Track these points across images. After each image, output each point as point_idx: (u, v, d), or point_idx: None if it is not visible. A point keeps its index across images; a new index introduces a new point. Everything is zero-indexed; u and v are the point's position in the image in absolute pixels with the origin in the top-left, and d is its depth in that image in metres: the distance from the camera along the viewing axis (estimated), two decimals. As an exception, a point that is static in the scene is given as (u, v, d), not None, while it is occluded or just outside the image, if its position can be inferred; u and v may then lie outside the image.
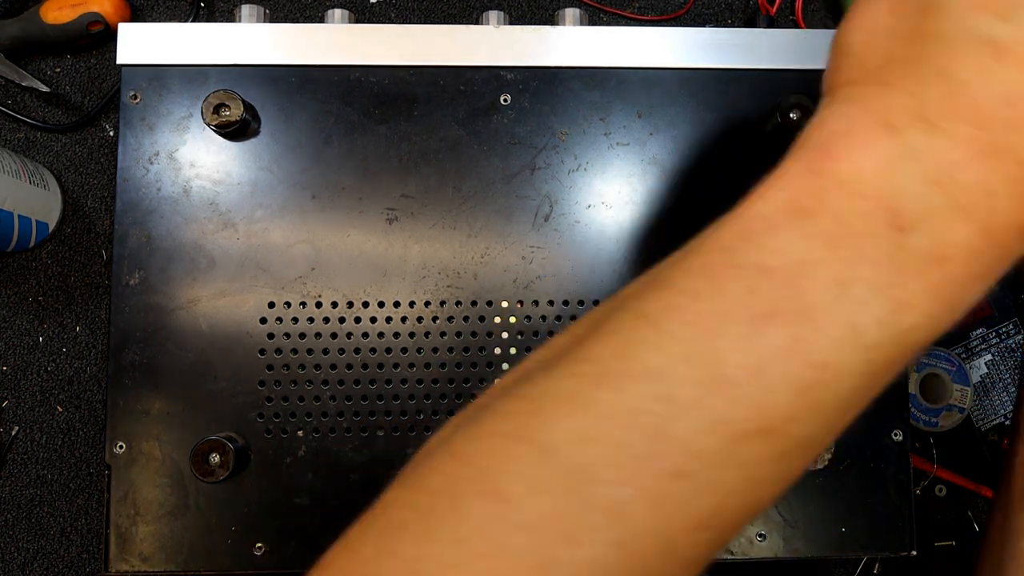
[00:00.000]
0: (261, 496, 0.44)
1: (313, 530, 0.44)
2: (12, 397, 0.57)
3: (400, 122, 0.46)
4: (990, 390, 0.58)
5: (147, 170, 0.45)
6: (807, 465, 0.26)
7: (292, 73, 0.46)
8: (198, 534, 0.44)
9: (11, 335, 0.57)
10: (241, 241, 0.45)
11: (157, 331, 0.44)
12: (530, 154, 0.46)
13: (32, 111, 0.59)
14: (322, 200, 0.45)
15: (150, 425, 0.44)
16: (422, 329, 0.45)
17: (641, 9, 0.64)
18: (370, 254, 0.45)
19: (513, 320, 0.45)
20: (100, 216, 0.58)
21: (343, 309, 0.45)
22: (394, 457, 0.45)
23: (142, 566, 0.44)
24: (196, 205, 0.45)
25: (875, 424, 0.46)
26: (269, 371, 0.45)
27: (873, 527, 0.46)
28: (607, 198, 0.46)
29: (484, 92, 0.46)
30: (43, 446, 0.56)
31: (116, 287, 0.45)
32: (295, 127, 0.46)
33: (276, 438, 0.45)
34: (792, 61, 0.47)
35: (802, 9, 0.63)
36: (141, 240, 0.45)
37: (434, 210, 0.46)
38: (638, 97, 0.47)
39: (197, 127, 0.46)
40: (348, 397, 0.45)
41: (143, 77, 0.46)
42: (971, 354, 0.58)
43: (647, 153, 0.47)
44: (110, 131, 0.59)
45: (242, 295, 0.45)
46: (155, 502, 0.44)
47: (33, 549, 0.55)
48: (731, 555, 0.45)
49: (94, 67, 0.60)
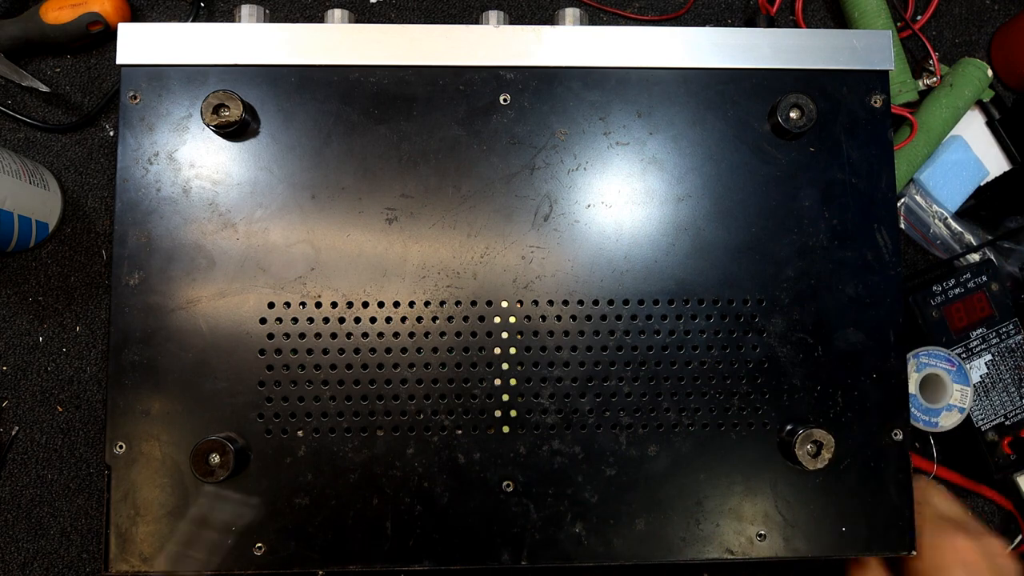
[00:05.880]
0: (261, 496, 0.44)
1: (313, 530, 0.44)
2: (12, 397, 0.57)
3: (400, 122, 0.46)
4: (990, 390, 0.58)
5: (147, 170, 0.45)
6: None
7: (292, 73, 0.46)
8: (198, 534, 0.44)
9: (11, 335, 0.57)
10: (241, 241, 0.45)
11: (157, 331, 0.44)
12: (530, 154, 0.46)
13: (32, 111, 0.59)
14: (322, 200, 0.45)
15: (150, 425, 0.44)
16: (422, 329, 0.45)
17: (641, 9, 0.64)
18: (370, 254, 0.45)
19: (513, 320, 0.45)
20: (100, 216, 0.58)
21: (343, 309, 0.45)
22: (394, 457, 0.45)
23: (142, 566, 0.44)
24: (196, 205, 0.45)
25: (875, 424, 0.46)
26: (269, 371, 0.45)
27: (873, 527, 0.46)
28: (607, 198, 0.46)
29: (483, 92, 0.46)
30: (43, 446, 0.56)
31: (116, 287, 0.45)
32: (295, 127, 0.46)
33: (276, 438, 0.45)
34: (792, 61, 0.47)
35: (802, 9, 0.63)
36: (141, 240, 0.45)
37: (434, 210, 0.46)
38: (638, 97, 0.47)
39: (197, 127, 0.46)
40: (348, 397, 0.45)
41: (143, 77, 0.46)
42: (971, 354, 0.58)
43: (647, 153, 0.47)
44: (110, 131, 0.59)
45: (242, 295, 0.45)
46: (155, 502, 0.44)
47: (33, 549, 0.55)
48: (731, 555, 0.45)
49: (94, 67, 0.60)
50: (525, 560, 0.45)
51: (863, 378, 0.46)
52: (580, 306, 0.46)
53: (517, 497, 0.45)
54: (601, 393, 0.45)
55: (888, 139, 0.47)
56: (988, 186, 0.63)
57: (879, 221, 0.47)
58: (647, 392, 0.46)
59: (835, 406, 0.46)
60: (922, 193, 0.62)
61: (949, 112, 0.60)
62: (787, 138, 0.47)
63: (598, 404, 0.45)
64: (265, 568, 0.44)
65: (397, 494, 0.45)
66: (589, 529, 0.45)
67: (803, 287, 0.46)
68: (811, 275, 0.46)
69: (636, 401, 0.46)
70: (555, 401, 0.45)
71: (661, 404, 0.46)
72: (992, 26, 0.66)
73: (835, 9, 0.64)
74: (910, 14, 0.64)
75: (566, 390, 0.45)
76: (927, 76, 0.62)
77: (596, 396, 0.45)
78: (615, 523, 0.45)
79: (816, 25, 0.65)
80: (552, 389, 0.45)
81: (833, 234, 0.47)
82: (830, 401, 0.46)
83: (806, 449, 0.44)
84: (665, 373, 0.46)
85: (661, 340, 0.46)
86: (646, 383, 0.46)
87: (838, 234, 0.47)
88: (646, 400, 0.46)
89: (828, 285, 0.46)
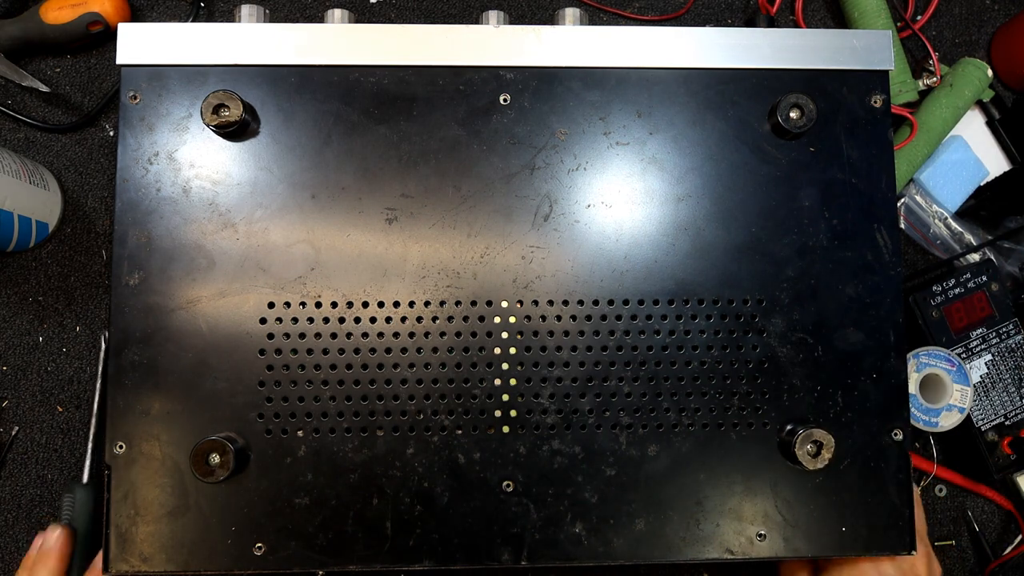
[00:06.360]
0: (261, 496, 0.44)
1: (313, 530, 0.44)
2: (12, 397, 0.57)
3: (400, 122, 0.46)
4: (990, 390, 0.58)
5: (147, 170, 0.45)
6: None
7: (292, 73, 0.46)
8: (198, 534, 0.44)
9: (11, 335, 0.57)
10: (241, 241, 0.45)
11: (157, 331, 0.44)
12: (530, 154, 0.46)
13: (32, 111, 0.59)
14: (322, 200, 0.45)
15: (150, 425, 0.44)
16: (422, 329, 0.45)
17: (641, 9, 0.64)
18: (370, 254, 0.45)
19: (513, 320, 0.45)
20: (100, 216, 0.58)
21: (343, 309, 0.45)
22: (394, 457, 0.45)
23: (142, 566, 0.44)
24: (196, 205, 0.45)
25: (875, 424, 0.46)
26: (269, 371, 0.45)
27: (873, 527, 0.46)
28: (607, 198, 0.46)
29: (484, 92, 0.46)
30: (43, 446, 0.56)
31: (116, 287, 0.45)
32: (295, 127, 0.46)
33: (276, 438, 0.45)
34: (792, 61, 0.47)
35: (802, 9, 0.63)
36: (141, 240, 0.45)
37: (434, 210, 0.46)
38: (638, 97, 0.47)
39: (197, 127, 0.46)
40: (348, 397, 0.45)
41: (143, 77, 0.46)
42: (971, 354, 0.58)
43: (647, 153, 0.47)
44: (110, 131, 0.59)
45: (242, 295, 0.45)
46: (155, 502, 0.44)
47: (33, 549, 0.55)
48: (731, 555, 0.45)
49: (94, 67, 0.60)
50: (525, 560, 0.45)
51: (863, 378, 0.46)
52: (580, 306, 0.46)
53: (517, 497, 0.45)
54: (601, 393, 0.45)
55: (888, 139, 0.47)
56: (988, 186, 0.63)
57: (879, 221, 0.47)
58: (647, 392, 0.46)
59: (835, 406, 0.46)
60: (922, 193, 0.62)
61: (949, 112, 0.60)
62: (787, 138, 0.47)
63: (598, 404, 0.45)
64: (265, 568, 0.44)
65: (397, 494, 0.45)
66: (589, 529, 0.45)
67: (803, 287, 0.46)
68: (811, 275, 0.46)
69: (636, 401, 0.46)
70: (555, 401, 0.45)
71: (661, 404, 0.46)
72: (992, 26, 0.66)
73: (835, 9, 0.64)
74: (910, 14, 0.64)
75: (566, 390, 0.45)
76: (927, 76, 0.62)
77: (596, 396, 0.45)
78: (615, 523, 0.45)
79: (816, 25, 0.65)
80: (552, 389, 0.45)
81: (833, 234, 0.47)
82: (830, 401, 0.46)
83: (806, 449, 0.44)
84: (665, 373, 0.46)
85: (661, 340, 0.46)
86: (646, 383, 0.46)
87: (838, 234, 0.47)
88: (646, 400, 0.46)
89: (828, 285, 0.46)
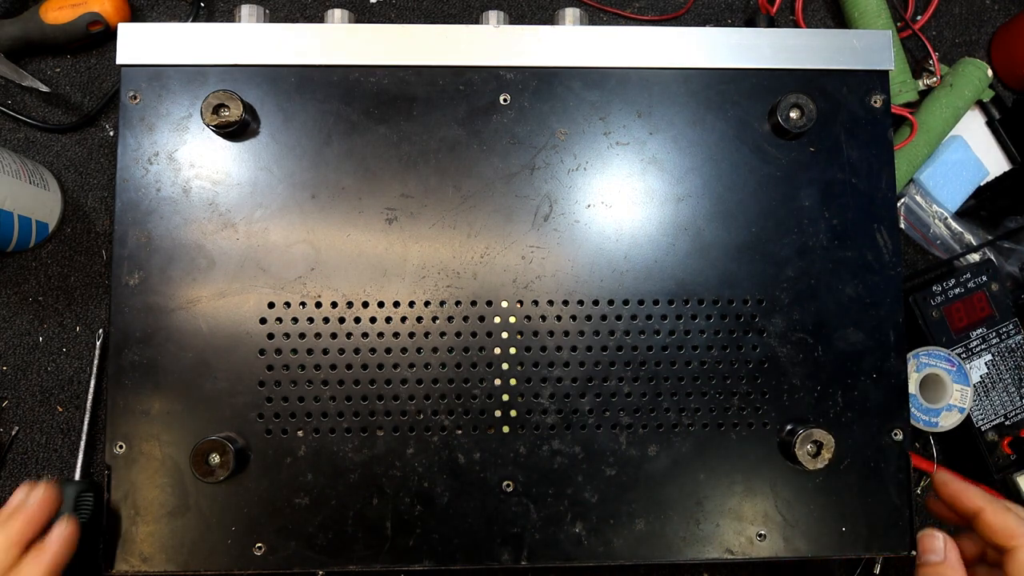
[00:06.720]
0: (261, 496, 0.44)
1: (313, 530, 0.44)
2: (12, 397, 0.57)
3: (400, 122, 0.46)
4: (990, 390, 0.58)
5: (147, 170, 0.45)
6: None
7: (292, 73, 0.46)
8: (198, 534, 0.44)
9: (11, 335, 0.57)
10: (241, 241, 0.45)
11: (157, 331, 0.44)
12: (530, 154, 0.46)
13: (32, 111, 0.59)
14: (322, 200, 0.45)
15: (150, 425, 0.44)
16: (422, 329, 0.45)
17: (641, 9, 0.64)
18: (370, 254, 0.45)
19: (513, 320, 0.45)
20: (100, 216, 0.58)
21: (343, 309, 0.45)
22: (394, 457, 0.45)
23: (142, 566, 0.44)
24: (196, 205, 0.45)
25: (875, 424, 0.46)
26: (269, 371, 0.45)
27: (873, 527, 0.46)
28: (607, 198, 0.46)
29: (484, 92, 0.46)
30: (43, 446, 0.56)
31: (116, 287, 0.45)
32: (295, 127, 0.46)
33: (276, 438, 0.45)
34: (792, 61, 0.47)
35: (802, 9, 0.63)
36: (141, 240, 0.45)
37: (434, 210, 0.46)
38: (638, 97, 0.47)
39: (197, 127, 0.46)
40: (348, 397, 0.45)
41: (143, 77, 0.46)
42: (971, 354, 0.58)
43: (647, 153, 0.47)
44: (110, 131, 0.59)
45: (242, 295, 0.45)
46: (155, 502, 0.44)
47: (33, 549, 0.55)
48: (731, 555, 0.45)
49: (94, 67, 0.60)
50: (525, 560, 0.45)
51: (863, 378, 0.46)
52: (580, 306, 0.46)
53: (517, 497, 0.45)
54: (601, 393, 0.45)
55: (888, 139, 0.47)
56: (988, 186, 0.63)
57: (879, 221, 0.47)
58: (647, 392, 0.46)
59: (835, 406, 0.46)
60: (922, 193, 0.62)
61: (949, 112, 0.60)
62: (787, 138, 0.47)
63: (598, 404, 0.45)
64: (265, 568, 0.44)
65: (397, 494, 0.45)
66: (589, 529, 0.45)
67: (803, 287, 0.46)
68: (811, 275, 0.46)
69: (636, 401, 0.46)
70: (555, 401, 0.45)
71: (661, 404, 0.46)
72: (992, 26, 0.66)
73: (835, 9, 0.64)
74: (910, 14, 0.64)
75: (566, 390, 0.45)
76: (927, 76, 0.62)
77: (596, 396, 0.45)
78: (615, 523, 0.45)
79: (816, 25, 0.65)
80: (552, 389, 0.45)
81: (833, 234, 0.47)
82: (830, 401, 0.46)
83: (806, 449, 0.44)
84: (665, 373, 0.46)
85: (661, 340, 0.46)
86: (646, 383, 0.46)
87: (838, 234, 0.47)
88: (646, 400, 0.46)
89: (828, 285, 0.46)
